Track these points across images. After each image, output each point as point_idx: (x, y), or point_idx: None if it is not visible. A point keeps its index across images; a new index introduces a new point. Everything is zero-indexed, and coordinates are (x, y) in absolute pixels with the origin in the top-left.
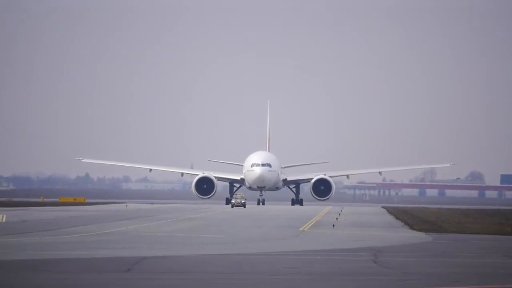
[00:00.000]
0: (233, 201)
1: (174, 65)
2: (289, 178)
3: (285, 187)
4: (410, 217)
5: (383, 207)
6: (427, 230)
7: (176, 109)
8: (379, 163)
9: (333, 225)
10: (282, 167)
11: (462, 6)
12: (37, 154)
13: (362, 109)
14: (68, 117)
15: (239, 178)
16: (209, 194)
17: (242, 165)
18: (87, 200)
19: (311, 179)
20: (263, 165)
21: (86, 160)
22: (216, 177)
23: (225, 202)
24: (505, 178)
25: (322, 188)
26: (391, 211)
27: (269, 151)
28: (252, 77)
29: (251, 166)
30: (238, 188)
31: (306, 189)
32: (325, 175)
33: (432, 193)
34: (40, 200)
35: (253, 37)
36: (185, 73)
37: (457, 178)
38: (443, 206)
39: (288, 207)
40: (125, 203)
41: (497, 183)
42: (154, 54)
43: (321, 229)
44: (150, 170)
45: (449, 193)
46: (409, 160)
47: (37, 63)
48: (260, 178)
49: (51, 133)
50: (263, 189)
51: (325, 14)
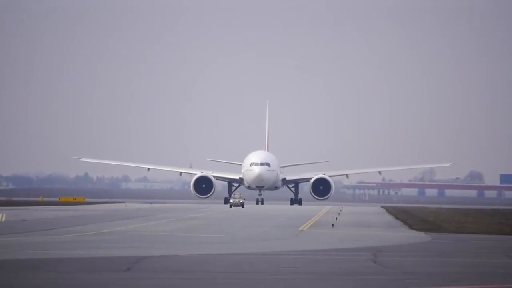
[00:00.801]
0: (231, 200)
1: (173, 65)
2: (288, 178)
3: (284, 186)
4: (410, 216)
5: (383, 206)
6: (426, 230)
7: (175, 108)
8: (379, 163)
9: (332, 224)
10: (281, 167)
11: (462, 6)
12: (36, 153)
13: (362, 108)
14: (68, 116)
15: (237, 178)
16: (208, 194)
17: (241, 164)
18: (86, 200)
19: (310, 178)
20: (262, 164)
21: (84, 159)
22: (214, 177)
23: (224, 201)
24: (504, 178)
25: (321, 188)
26: (391, 210)
27: (268, 150)
28: (251, 76)
29: (250, 165)
30: (237, 187)
31: (305, 188)
32: (324, 174)
33: (431, 192)
34: (40, 199)
35: (252, 37)
36: (185, 73)
37: (457, 178)
38: (442, 206)
39: (287, 207)
40: (125, 202)
41: (497, 182)
42: (154, 53)
43: (321, 228)
44: (148, 169)
45: (449, 192)
46: (409, 160)
47: (37, 63)
48: (259, 178)
49: (50, 133)
50: (262, 188)
51: (325, 14)
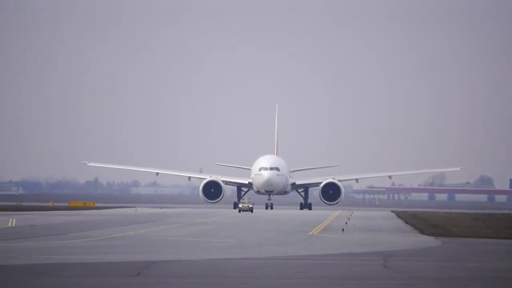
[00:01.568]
0: (240, 205)
1: (184, 70)
2: (297, 182)
3: (294, 191)
4: (420, 221)
5: (392, 211)
6: (436, 235)
7: (185, 113)
8: (389, 167)
9: (342, 229)
10: (290, 171)
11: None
12: (46, 158)
13: (372, 113)
14: (78, 122)
15: (247, 182)
16: (217, 198)
17: (250, 169)
18: (96, 205)
19: (320, 183)
20: (271, 169)
21: (92, 163)
22: (224, 181)
23: (233, 206)
24: None
25: (331, 192)
26: (401, 215)
27: (277, 154)
28: (260, 81)
29: (259, 170)
30: (246, 192)
31: (315, 193)
32: (334, 179)
33: (441, 197)
34: (50, 204)
35: (263, 41)
36: (195, 78)
37: (467, 183)
38: (452, 210)
39: (297, 212)
40: (135, 207)
41: (507, 187)
42: (164, 58)
43: (331, 233)
44: (157, 174)
45: (459, 197)
46: (419, 164)
47: (48, 66)
48: (268, 182)
49: (60, 138)
50: (271, 193)
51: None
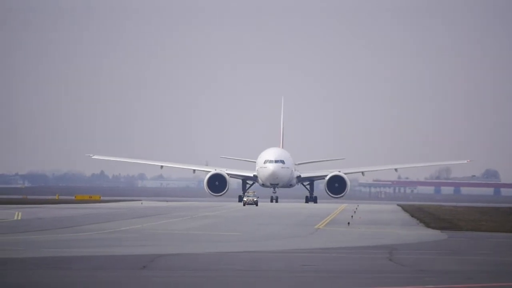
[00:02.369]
0: (244, 199)
1: (188, 62)
2: (303, 175)
3: (299, 184)
4: (426, 215)
5: (399, 204)
6: (442, 228)
7: (191, 106)
8: (395, 160)
9: (348, 223)
10: (296, 164)
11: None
12: (53, 152)
13: (378, 106)
14: (84, 115)
15: (252, 175)
16: (222, 192)
17: (255, 161)
18: (102, 198)
19: (326, 176)
20: (276, 161)
21: (97, 156)
22: (228, 174)
23: (238, 199)
24: None
25: (337, 186)
26: (407, 208)
27: (283, 147)
28: (266, 73)
29: (264, 162)
30: (251, 185)
31: (320, 186)
32: (339, 172)
33: (447, 190)
34: (56, 197)
35: (267, 33)
36: (199, 72)
37: (473, 176)
38: (458, 204)
39: (302, 205)
40: (141, 200)
41: None
42: (168, 51)
43: (337, 227)
44: (161, 167)
45: (465, 190)
46: (425, 158)
47: (54, 61)
48: (273, 175)
49: (67, 131)
50: (276, 186)
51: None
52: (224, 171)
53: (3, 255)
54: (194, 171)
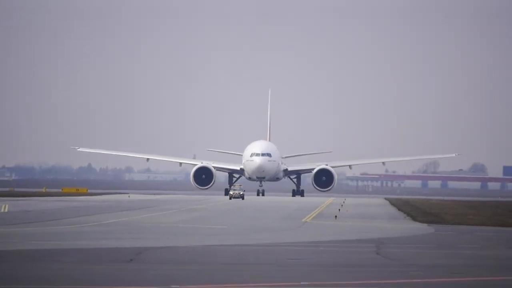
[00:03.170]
0: (231, 192)
1: (175, 57)
2: (290, 168)
3: (286, 177)
4: (413, 208)
5: (386, 198)
6: (429, 222)
7: (177, 99)
8: (382, 154)
9: (335, 216)
10: (282, 157)
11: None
12: (40, 144)
13: (365, 99)
14: (71, 107)
15: (238, 168)
16: (208, 185)
17: (242, 154)
18: (89, 191)
19: (313, 169)
20: (263, 155)
21: (82, 149)
22: (215, 167)
23: (224, 193)
24: (507, 170)
25: (324, 179)
26: (394, 202)
27: (270, 140)
28: (253, 66)
29: (251, 156)
30: (238, 178)
31: (307, 180)
32: (327, 165)
33: (434, 184)
34: (43, 190)
35: (253, 27)
36: (185, 65)
37: (460, 170)
38: (445, 198)
39: (289, 198)
40: (128, 193)
41: (500, 174)
42: (155, 45)
43: (324, 220)
44: (147, 159)
45: (452, 184)
46: (412, 151)
47: (39, 54)
48: (260, 168)
49: (54, 124)
50: (262, 179)
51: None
52: (210, 164)
53: None
54: (181, 164)
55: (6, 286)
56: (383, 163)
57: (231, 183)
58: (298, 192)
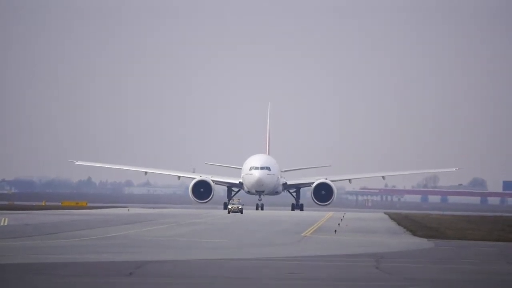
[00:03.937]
0: (229, 206)
1: (175, 65)
2: (289, 182)
3: (285, 191)
4: (412, 223)
5: (385, 213)
6: (429, 236)
7: (177, 112)
8: (382, 168)
9: (335, 230)
10: (282, 171)
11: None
12: (40, 158)
13: (365, 113)
14: (71, 121)
15: (237, 182)
16: (207, 199)
17: (241, 168)
18: (89, 204)
19: (312, 183)
20: (262, 168)
21: (80, 162)
22: (214, 181)
23: (223, 207)
24: (507, 185)
25: (323, 193)
26: (393, 217)
27: (269, 154)
28: (252, 79)
29: (250, 169)
30: (237, 192)
31: (307, 194)
32: (326, 179)
33: (434, 199)
34: (42, 203)
35: (253, 39)
36: (185, 78)
37: (460, 185)
38: (445, 212)
39: (288, 212)
40: (127, 207)
41: (500, 189)
42: (155, 56)
43: (323, 234)
44: (145, 173)
45: (452, 199)
46: (412, 166)
47: (41, 67)
48: (259, 182)
49: (54, 138)
50: (262, 193)
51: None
52: (209, 178)
53: None
54: (179, 177)
55: None
56: (383, 177)
57: (230, 196)
58: (298, 206)
